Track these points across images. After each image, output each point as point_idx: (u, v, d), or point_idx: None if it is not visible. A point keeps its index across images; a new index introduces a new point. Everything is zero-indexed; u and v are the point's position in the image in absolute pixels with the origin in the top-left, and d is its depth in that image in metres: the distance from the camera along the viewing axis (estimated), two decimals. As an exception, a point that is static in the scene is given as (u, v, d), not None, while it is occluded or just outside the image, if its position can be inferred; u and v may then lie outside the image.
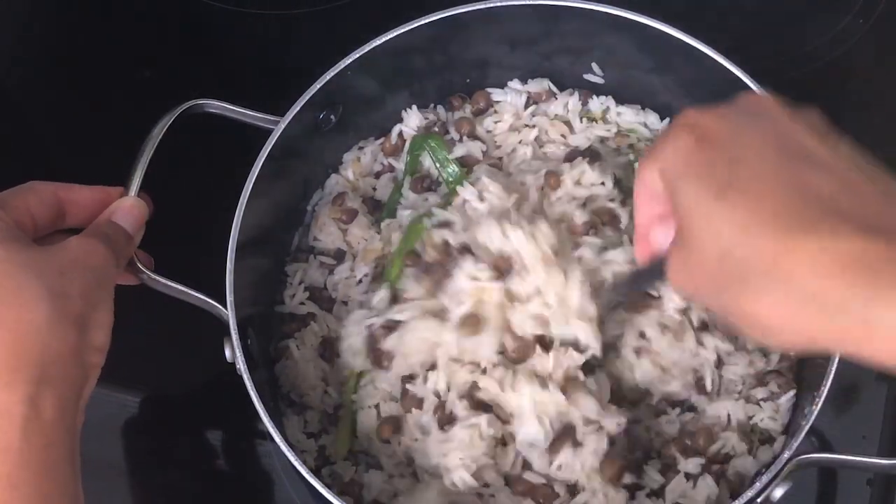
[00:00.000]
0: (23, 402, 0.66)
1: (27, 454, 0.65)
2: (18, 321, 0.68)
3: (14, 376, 0.66)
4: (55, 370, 0.68)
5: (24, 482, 0.65)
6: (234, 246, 0.87)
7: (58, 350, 0.69)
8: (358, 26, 1.00)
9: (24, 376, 0.66)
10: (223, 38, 1.19)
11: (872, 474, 0.94)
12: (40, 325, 0.68)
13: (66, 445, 0.69)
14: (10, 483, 0.65)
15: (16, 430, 0.65)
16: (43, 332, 0.68)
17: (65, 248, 0.75)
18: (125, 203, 0.83)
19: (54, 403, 0.67)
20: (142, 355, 0.95)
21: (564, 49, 1.00)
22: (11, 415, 0.65)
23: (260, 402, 0.82)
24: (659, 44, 0.93)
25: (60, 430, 0.68)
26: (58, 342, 0.69)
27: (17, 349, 0.67)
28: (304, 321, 0.95)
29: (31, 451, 0.66)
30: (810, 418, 0.81)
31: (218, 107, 0.92)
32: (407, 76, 1.00)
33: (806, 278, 0.55)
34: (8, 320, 0.68)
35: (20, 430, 0.65)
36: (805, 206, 0.57)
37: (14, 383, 0.66)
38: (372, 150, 1.02)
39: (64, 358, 0.69)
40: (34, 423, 0.66)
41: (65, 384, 0.69)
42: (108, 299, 0.76)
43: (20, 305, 0.68)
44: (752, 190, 0.58)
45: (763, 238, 0.57)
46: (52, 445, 0.67)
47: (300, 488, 0.95)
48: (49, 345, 0.68)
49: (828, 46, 1.14)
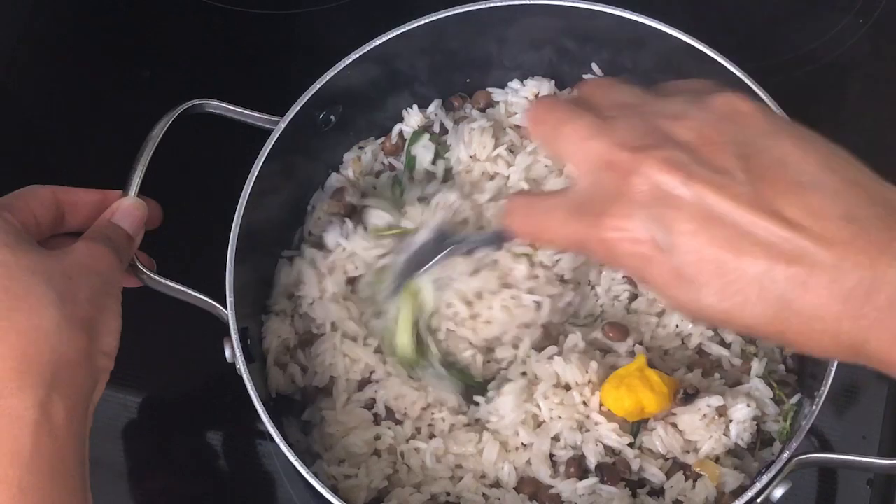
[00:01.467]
0: (34, 408, 0.66)
1: (38, 460, 0.65)
2: (28, 325, 0.68)
3: (24, 381, 0.66)
4: (65, 375, 0.68)
5: (34, 488, 0.65)
6: (234, 246, 0.87)
7: (67, 355, 0.68)
8: (358, 26, 1.00)
9: (35, 381, 0.66)
10: (223, 38, 1.19)
11: (872, 474, 0.94)
12: (50, 330, 0.68)
13: (76, 451, 0.68)
14: (21, 489, 0.64)
15: (27, 435, 0.65)
16: (53, 337, 0.68)
17: (71, 253, 0.75)
18: (125, 203, 0.83)
19: (65, 409, 0.67)
20: (142, 355, 0.94)
21: (564, 49, 1.00)
22: (23, 420, 0.65)
23: (260, 402, 0.82)
24: (659, 44, 0.93)
25: (70, 435, 0.68)
26: (67, 347, 0.69)
27: (28, 354, 0.67)
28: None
29: (41, 457, 0.65)
30: (810, 418, 0.81)
31: (218, 107, 0.92)
32: (407, 76, 1.00)
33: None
34: (17, 324, 0.67)
35: (31, 436, 0.65)
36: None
37: (25, 388, 0.66)
38: (372, 149, 1.02)
39: (74, 363, 0.69)
40: (45, 429, 0.66)
41: (75, 389, 0.69)
42: (116, 304, 0.76)
43: (29, 309, 0.68)
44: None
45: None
46: (63, 451, 0.67)
47: (300, 488, 0.95)
48: (59, 350, 0.68)
49: (828, 46, 1.14)
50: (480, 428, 0.88)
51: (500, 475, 0.87)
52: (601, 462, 0.86)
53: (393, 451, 0.88)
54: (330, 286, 0.92)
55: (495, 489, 0.87)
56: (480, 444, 0.87)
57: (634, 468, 0.86)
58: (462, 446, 0.87)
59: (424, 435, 0.88)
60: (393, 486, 0.88)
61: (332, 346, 0.91)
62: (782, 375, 0.90)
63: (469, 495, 0.86)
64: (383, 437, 0.88)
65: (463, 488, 0.87)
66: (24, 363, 0.66)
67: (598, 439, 0.86)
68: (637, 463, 0.86)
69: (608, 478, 0.85)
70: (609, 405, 0.86)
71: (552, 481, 0.86)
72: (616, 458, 0.87)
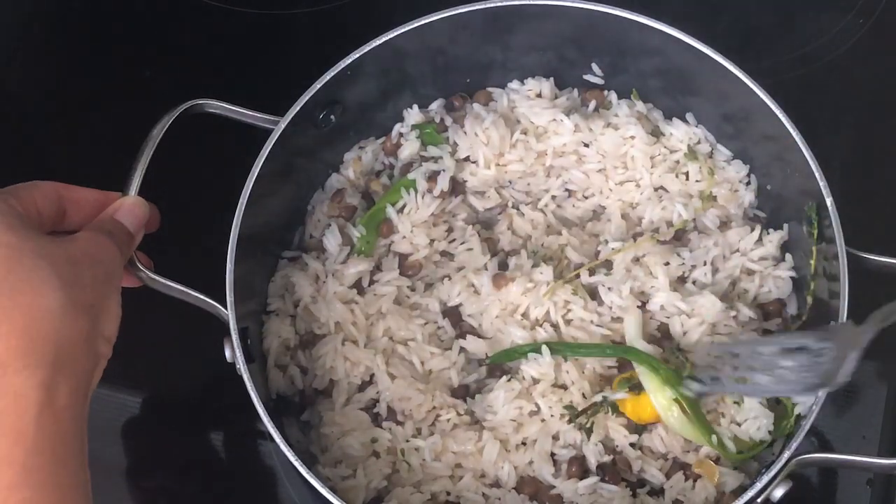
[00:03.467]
0: (37, 388, 0.66)
1: (41, 440, 0.66)
2: (32, 307, 0.68)
3: (28, 360, 0.67)
4: (67, 356, 0.69)
5: (38, 468, 0.65)
6: (234, 246, 0.87)
7: (70, 337, 0.69)
8: (358, 26, 1.00)
9: (38, 360, 0.67)
10: (223, 38, 1.19)
11: (872, 474, 0.94)
12: (54, 311, 0.69)
13: (78, 432, 0.69)
14: (24, 468, 0.65)
15: (31, 414, 0.66)
16: (56, 318, 0.69)
17: (75, 240, 0.76)
18: (127, 202, 0.84)
19: (67, 390, 0.68)
20: (142, 355, 0.95)
21: (564, 49, 1.00)
22: (27, 399, 0.66)
23: (260, 402, 0.82)
24: (659, 44, 0.93)
25: (72, 416, 0.68)
26: (70, 329, 0.69)
27: (31, 333, 0.67)
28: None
29: (44, 437, 0.66)
30: (810, 418, 0.81)
31: (218, 107, 0.92)
32: (407, 76, 1.00)
33: None
34: (22, 305, 0.68)
35: (35, 416, 0.66)
36: None
37: (28, 367, 0.66)
38: (373, 149, 1.02)
39: (76, 345, 0.70)
40: (48, 409, 0.66)
41: (77, 372, 0.70)
42: (116, 292, 0.77)
43: (34, 291, 0.69)
44: None
45: None
46: (65, 432, 0.68)
47: (300, 488, 0.95)
48: (62, 331, 0.69)
49: (828, 46, 1.14)
50: (480, 427, 0.88)
51: (500, 475, 0.87)
52: (602, 461, 0.86)
53: (392, 451, 0.88)
54: (331, 287, 0.92)
55: (496, 489, 0.87)
56: (480, 442, 0.87)
57: (635, 468, 0.87)
58: (462, 445, 0.87)
59: (425, 434, 0.88)
60: (393, 486, 0.88)
61: (333, 348, 0.91)
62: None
63: (469, 495, 0.86)
64: (381, 440, 0.88)
65: (463, 488, 0.87)
66: (28, 342, 0.67)
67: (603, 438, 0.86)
68: (638, 464, 0.86)
69: (609, 476, 0.85)
70: (629, 413, 0.86)
71: (554, 481, 0.86)
72: (616, 458, 0.87)
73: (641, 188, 0.97)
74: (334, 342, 0.91)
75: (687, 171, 0.98)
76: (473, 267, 0.94)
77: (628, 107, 0.99)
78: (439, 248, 0.96)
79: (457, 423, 0.89)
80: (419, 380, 0.90)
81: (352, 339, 0.91)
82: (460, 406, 0.89)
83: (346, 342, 0.91)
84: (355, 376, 0.90)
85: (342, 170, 1.02)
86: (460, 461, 0.88)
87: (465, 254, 0.95)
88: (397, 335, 0.92)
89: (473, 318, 0.92)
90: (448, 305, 0.93)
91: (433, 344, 0.92)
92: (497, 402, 0.88)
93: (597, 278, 0.92)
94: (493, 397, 0.88)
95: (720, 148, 0.99)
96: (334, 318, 0.91)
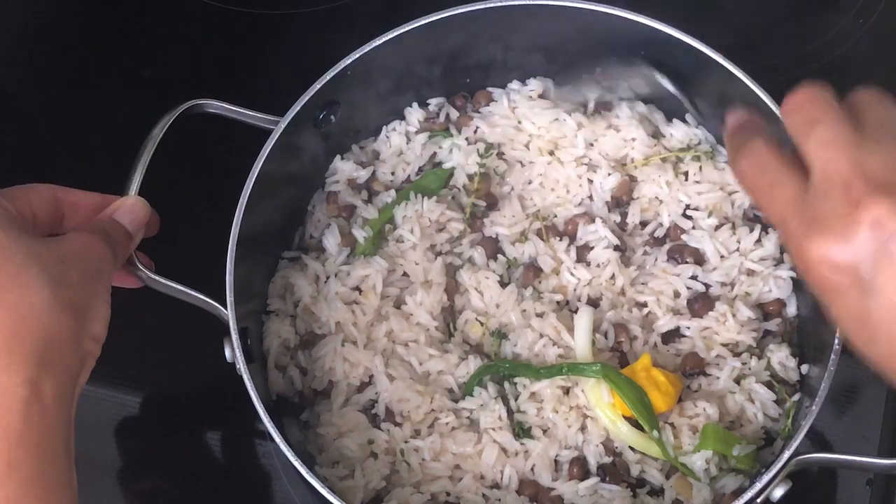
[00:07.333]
0: (23, 385, 0.66)
1: (27, 436, 0.66)
2: (19, 304, 0.68)
3: (13, 358, 0.67)
4: (54, 355, 0.69)
5: (24, 464, 0.65)
6: (234, 246, 0.87)
7: (57, 335, 0.69)
8: (358, 26, 1.00)
9: (25, 358, 0.67)
10: (223, 38, 1.19)
11: (872, 474, 0.94)
12: (41, 309, 0.69)
13: (64, 431, 0.69)
14: (10, 464, 0.65)
15: (17, 412, 0.66)
16: (43, 316, 0.69)
17: (64, 240, 0.76)
18: (127, 202, 0.84)
19: (53, 388, 0.68)
20: (142, 355, 0.95)
21: (565, 49, 1.00)
22: (13, 396, 0.66)
23: (260, 402, 0.82)
24: (659, 44, 0.93)
25: (59, 414, 0.68)
26: (57, 327, 0.69)
27: (18, 331, 0.67)
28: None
29: (30, 434, 0.66)
30: (810, 418, 0.81)
31: (218, 107, 0.92)
32: (407, 76, 1.00)
33: None
34: (8, 303, 0.68)
35: (21, 413, 0.66)
36: None
37: (14, 365, 0.66)
38: (372, 149, 1.02)
39: (63, 343, 0.70)
40: (34, 406, 0.66)
41: (63, 370, 0.70)
42: (105, 292, 0.76)
43: (20, 288, 0.69)
44: None
45: None
46: (51, 429, 0.67)
47: (300, 488, 0.95)
48: (49, 329, 0.69)
49: (828, 46, 1.14)
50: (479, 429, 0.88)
51: (499, 478, 0.87)
52: (602, 462, 0.86)
53: (390, 452, 0.88)
54: (333, 287, 0.92)
55: (496, 490, 0.87)
56: (479, 445, 0.87)
57: (634, 472, 0.87)
58: (461, 446, 0.87)
59: (423, 435, 0.88)
60: (392, 486, 0.88)
61: (332, 349, 0.91)
62: (783, 375, 0.90)
63: (469, 495, 0.86)
64: (378, 441, 0.88)
65: (463, 488, 0.87)
66: (15, 340, 0.67)
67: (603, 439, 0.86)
68: (637, 468, 0.86)
69: (610, 476, 0.85)
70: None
71: (553, 483, 0.86)
72: (616, 459, 0.87)
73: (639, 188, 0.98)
74: (334, 343, 0.91)
75: (687, 171, 0.98)
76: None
77: (629, 108, 0.99)
78: (443, 251, 0.96)
79: (455, 425, 0.89)
80: (418, 381, 0.90)
81: (352, 340, 0.91)
82: (461, 412, 0.89)
83: (346, 343, 0.91)
84: (354, 377, 0.90)
85: (340, 170, 1.01)
86: (459, 462, 0.88)
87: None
88: (399, 337, 0.92)
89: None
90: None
91: (433, 346, 0.92)
92: (485, 396, 0.89)
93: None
94: (484, 395, 0.89)
95: (720, 148, 0.99)
96: (335, 317, 0.92)
